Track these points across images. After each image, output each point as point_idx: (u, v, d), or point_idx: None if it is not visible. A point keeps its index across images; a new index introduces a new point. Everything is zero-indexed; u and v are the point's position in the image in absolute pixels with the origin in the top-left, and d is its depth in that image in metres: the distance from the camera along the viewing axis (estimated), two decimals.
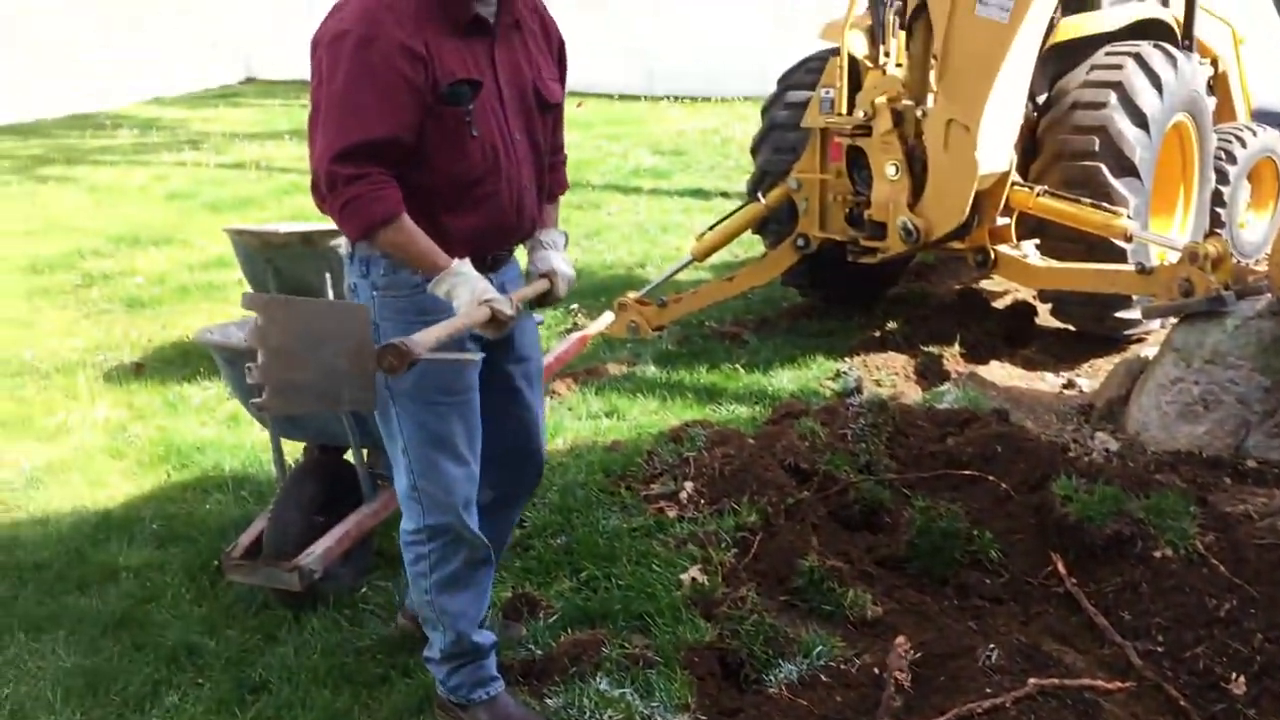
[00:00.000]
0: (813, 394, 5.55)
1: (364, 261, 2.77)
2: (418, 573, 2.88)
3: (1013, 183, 5.66)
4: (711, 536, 3.87)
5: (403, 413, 2.76)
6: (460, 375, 2.79)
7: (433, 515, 2.81)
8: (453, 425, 2.79)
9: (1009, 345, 6.34)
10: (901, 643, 3.32)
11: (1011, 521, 4.06)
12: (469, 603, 2.90)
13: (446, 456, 2.79)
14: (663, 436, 4.84)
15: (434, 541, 2.83)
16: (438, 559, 2.84)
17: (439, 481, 2.79)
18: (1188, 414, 4.78)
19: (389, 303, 2.74)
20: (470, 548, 2.86)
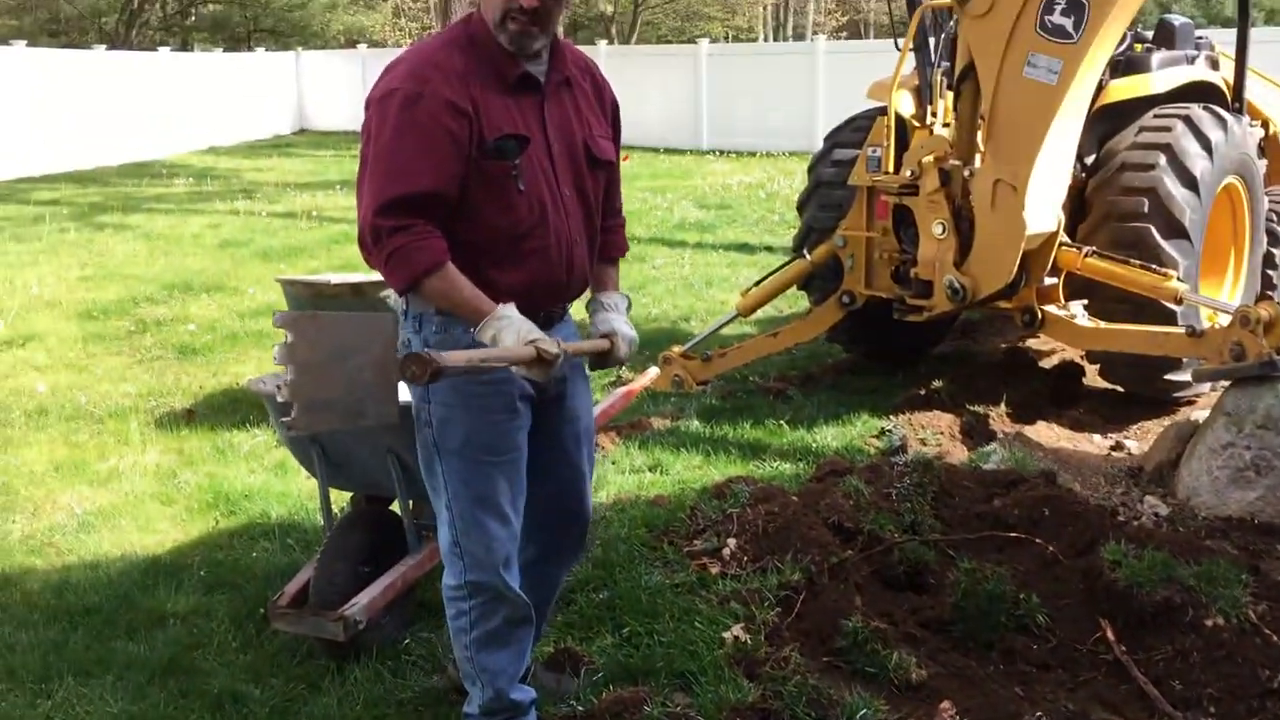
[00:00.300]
0: (857, 451, 5.54)
1: (416, 318, 2.81)
2: (458, 628, 2.89)
3: (1061, 243, 5.65)
4: (755, 594, 3.85)
5: (448, 470, 2.79)
6: (507, 435, 2.81)
7: (474, 572, 2.82)
8: (497, 484, 2.81)
9: (1056, 405, 6.29)
10: (947, 708, 3.29)
11: (1059, 586, 4.01)
12: (508, 660, 2.91)
13: (490, 515, 2.81)
14: (706, 492, 4.84)
15: (475, 598, 2.84)
16: (478, 615, 2.85)
17: (481, 540, 2.80)
18: (1239, 479, 4.71)
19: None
20: (511, 606, 2.87)
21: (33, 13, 32.80)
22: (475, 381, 2.71)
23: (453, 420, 2.76)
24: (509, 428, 2.81)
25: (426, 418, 2.80)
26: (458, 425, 2.76)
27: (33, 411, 6.34)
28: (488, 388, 2.76)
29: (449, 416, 2.76)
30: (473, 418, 2.76)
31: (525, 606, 2.90)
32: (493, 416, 2.78)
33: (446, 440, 2.76)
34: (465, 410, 2.75)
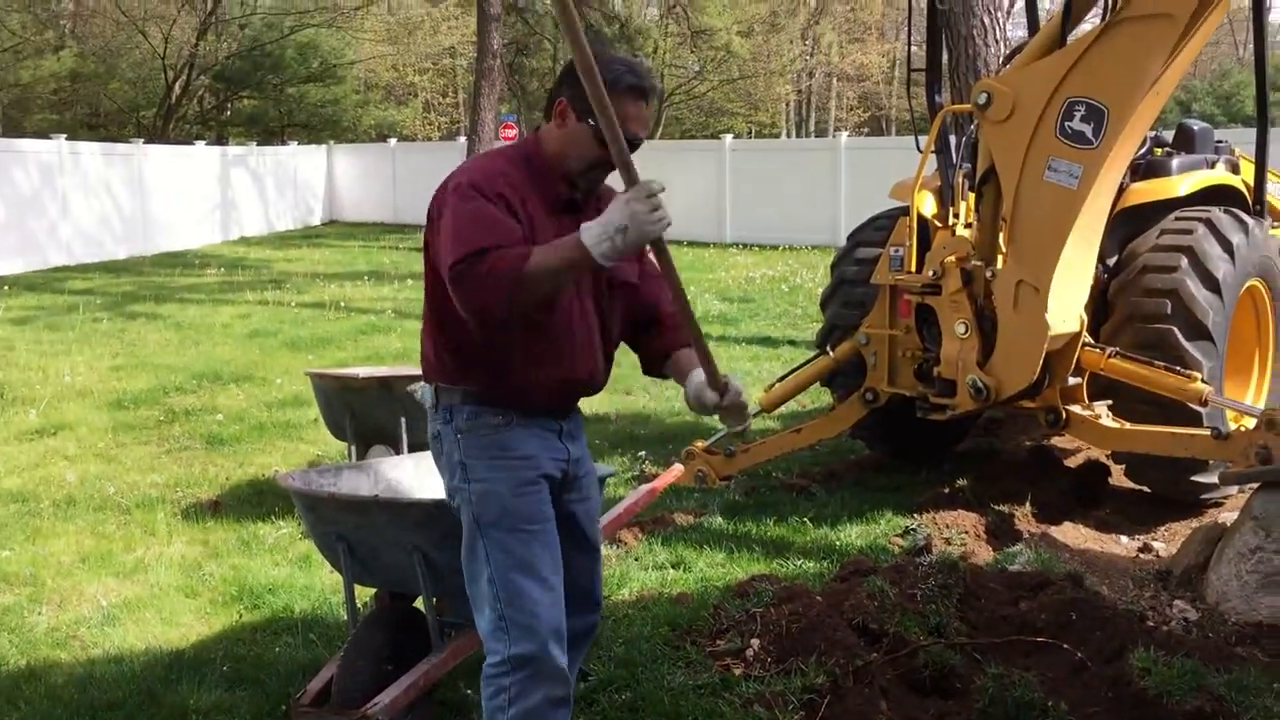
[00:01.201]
0: (881, 551, 5.51)
1: (447, 410, 2.98)
2: (495, 707, 2.87)
3: (1084, 344, 5.68)
4: (778, 698, 3.82)
5: (490, 544, 2.89)
6: (540, 504, 2.94)
7: (519, 644, 2.84)
8: (537, 550, 2.91)
9: (1082, 506, 6.25)
10: None
11: (1088, 693, 3.95)
12: None
13: (533, 582, 2.88)
14: (729, 590, 4.82)
15: (517, 674, 2.84)
16: (518, 693, 2.84)
17: (526, 607, 2.85)
18: (1269, 585, 4.66)
19: (473, 441, 2.94)
20: (552, 683, 2.87)
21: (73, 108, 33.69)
22: (507, 456, 2.91)
23: (490, 494, 2.91)
24: (540, 497, 2.95)
25: (467, 496, 2.93)
26: (495, 498, 2.90)
27: (61, 501, 6.39)
28: (519, 461, 2.93)
29: (487, 490, 2.91)
30: (509, 489, 2.90)
31: (567, 685, 2.92)
32: (527, 487, 2.93)
33: (486, 514, 2.89)
34: (501, 484, 2.91)
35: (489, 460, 2.91)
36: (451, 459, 2.96)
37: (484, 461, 2.91)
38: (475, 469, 2.91)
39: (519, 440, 2.93)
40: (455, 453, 2.94)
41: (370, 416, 6.07)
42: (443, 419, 2.99)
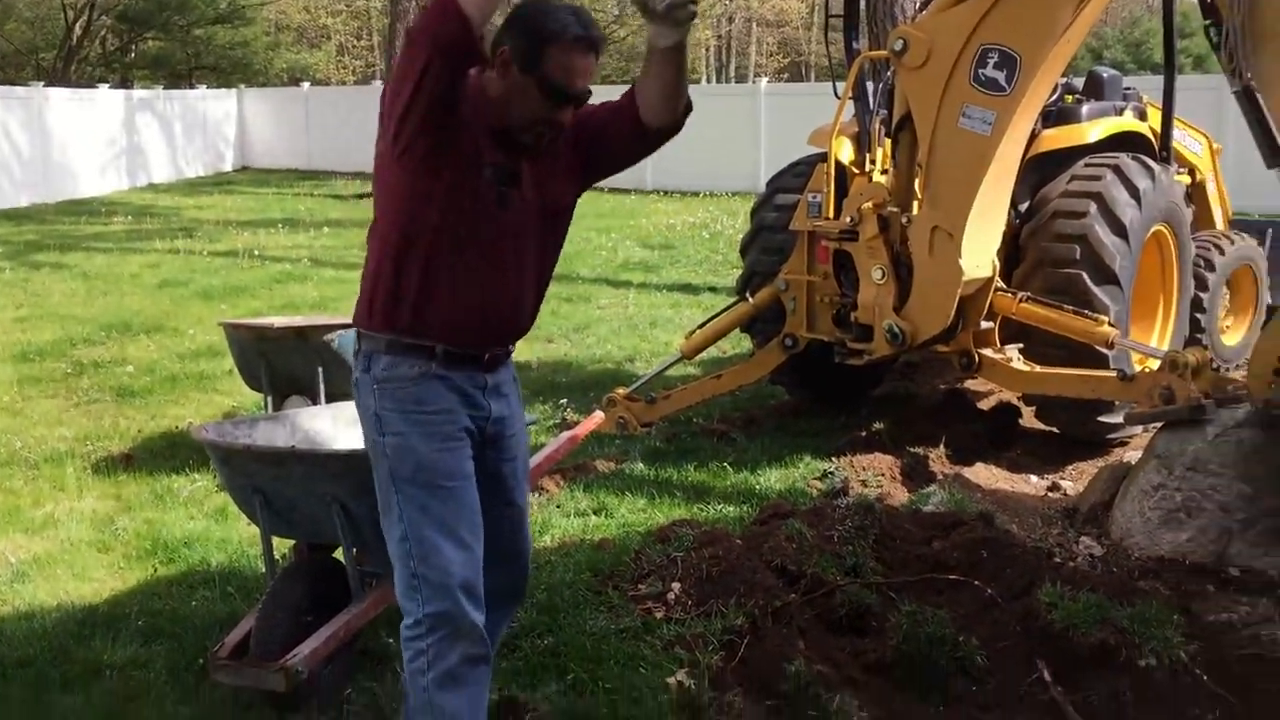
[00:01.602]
0: (800, 494, 5.59)
1: (368, 357, 2.91)
2: (415, 669, 2.85)
3: (996, 288, 5.78)
4: (699, 639, 3.87)
5: (405, 499, 2.84)
6: (459, 460, 2.88)
7: (433, 603, 2.81)
8: (454, 507, 2.85)
9: (994, 447, 6.39)
10: None
11: (997, 628, 4.07)
12: (467, 703, 2.86)
13: (448, 539, 2.83)
14: (650, 536, 4.86)
15: (433, 634, 2.81)
16: (435, 654, 2.82)
17: (439, 565, 2.81)
18: (1170, 521, 4.82)
19: (389, 392, 2.87)
20: (468, 641, 2.84)
21: None
22: (424, 410, 2.83)
23: (405, 448, 2.84)
24: (459, 454, 2.89)
25: (382, 449, 2.87)
26: (410, 453, 2.84)
27: None
28: (437, 416, 2.86)
29: (402, 444, 2.84)
30: (425, 444, 2.84)
31: (484, 643, 2.88)
32: (445, 443, 2.86)
33: (401, 469, 2.83)
34: (417, 438, 2.84)
35: (404, 413, 2.84)
36: (368, 409, 2.91)
37: (400, 414, 2.84)
38: (390, 421, 2.84)
39: (436, 394, 2.86)
40: (371, 403, 2.88)
41: (286, 367, 5.98)
42: (362, 366, 2.91)
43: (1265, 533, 4.64)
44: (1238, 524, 4.67)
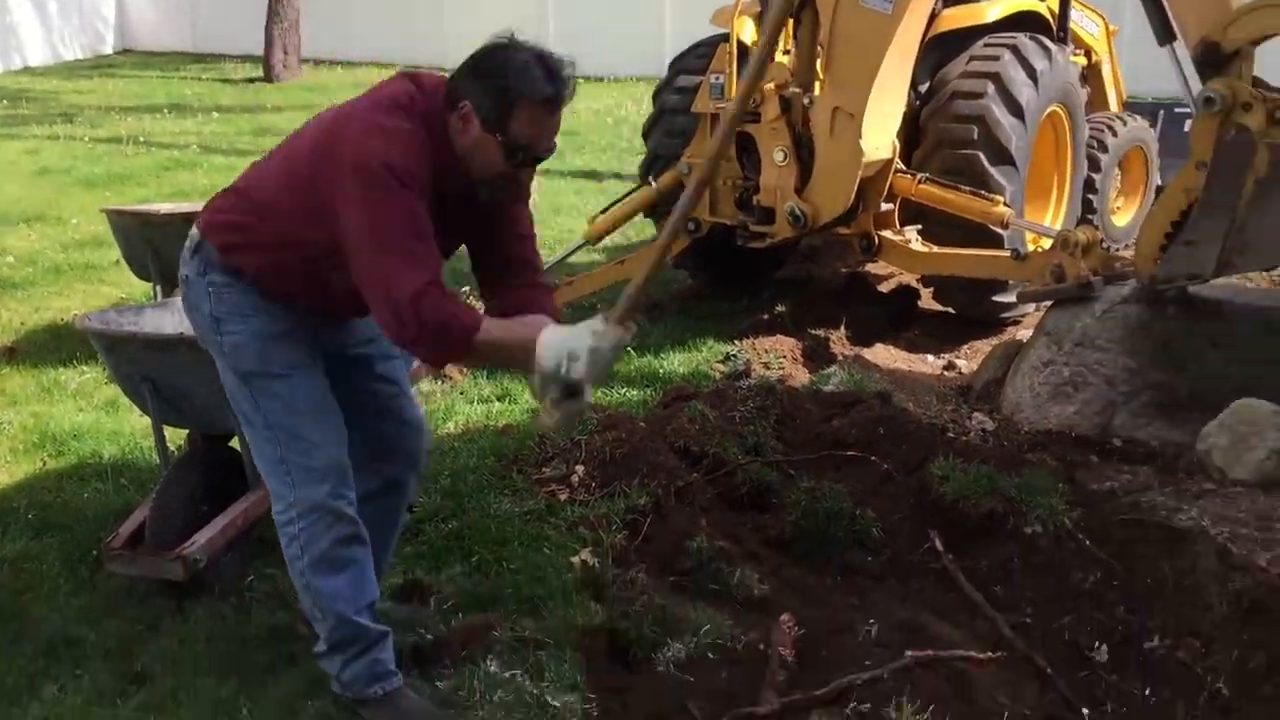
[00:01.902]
0: (703, 377, 5.63)
1: (205, 263, 2.80)
2: (292, 556, 2.84)
3: (896, 169, 5.82)
4: (602, 519, 3.92)
5: (256, 390, 2.79)
6: (304, 346, 2.83)
7: (302, 487, 2.78)
8: (308, 390, 2.81)
9: (893, 328, 6.50)
10: (786, 620, 3.41)
11: (892, 501, 4.18)
12: (346, 584, 2.85)
13: (308, 421, 2.80)
14: None
15: (304, 519, 2.79)
16: (307, 539, 2.80)
17: (304, 449, 2.78)
18: (1059, 395, 4.97)
19: (228, 297, 2.78)
20: (339, 522, 2.82)
21: None
22: (259, 312, 2.77)
23: (246, 343, 2.78)
24: (303, 340, 2.84)
25: (220, 348, 2.81)
26: (252, 346, 2.78)
27: None
28: (275, 306, 2.79)
29: (242, 340, 2.78)
30: (267, 335, 2.79)
31: (355, 523, 2.85)
32: (285, 336, 2.81)
33: (245, 362, 2.78)
34: (259, 331, 2.78)
35: (241, 316, 2.78)
36: (201, 310, 2.81)
37: (236, 316, 2.78)
38: (230, 322, 2.77)
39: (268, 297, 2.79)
40: (205, 305, 2.79)
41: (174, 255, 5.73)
42: (197, 269, 2.80)
43: (1147, 405, 4.82)
44: (1122, 397, 4.84)
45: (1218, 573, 3.48)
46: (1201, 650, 3.28)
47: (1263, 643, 3.24)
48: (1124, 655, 3.38)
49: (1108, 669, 3.36)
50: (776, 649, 3.25)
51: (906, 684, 3.04)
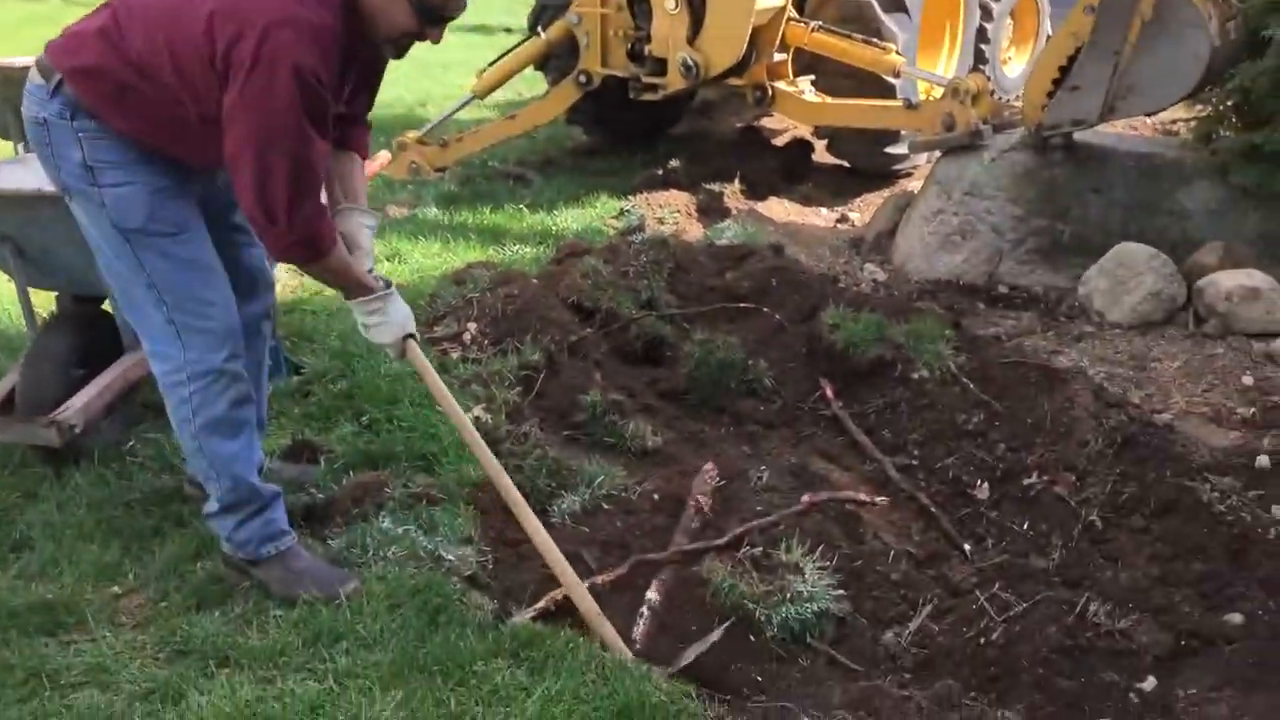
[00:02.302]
0: (596, 233, 5.57)
1: (66, 104, 2.56)
2: (181, 418, 2.75)
3: (789, 18, 5.71)
4: (495, 376, 3.88)
5: (140, 248, 2.62)
6: (189, 206, 2.70)
7: (194, 350, 2.68)
8: (195, 249, 2.69)
9: (787, 182, 6.49)
10: (709, 469, 3.44)
11: (784, 351, 4.22)
12: (242, 446, 2.79)
13: (199, 282, 2.68)
14: (445, 279, 4.78)
15: (197, 382, 2.70)
16: (201, 401, 2.71)
17: (196, 310, 2.67)
18: (947, 244, 5.03)
19: (101, 145, 2.58)
20: (235, 384, 2.74)
21: None
22: (138, 150, 2.59)
23: (128, 197, 2.60)
24: (188, 199, 2.70)
25: (98, 200, 2.61)
26: (138, 200, 2.61)
27: None
28: (154, 157, 2.62)
29: (123, 194, 2.60)
30: (153, 191, 2.62)
31: (248, 384, 2.78)
32: (172, 189, 2.65)
33: (129, 219, 2.60)
34: (141, 188, 2.61)
35: (123, 164, 2.58)
36: (69, 158, 2.59)
37: (116, 164, 2.58)
38: (109, 173, 2.57)
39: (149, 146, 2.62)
40: (75, 152, 2.57)
41: None
42: (59, 111, 2.57)
43: (1032, 251, 4.91)
44: (1008, 244, 4.92)
45: (1094, 411, 3.61)
46: (1077, 485, 3.41)
47: (1134, 476, 3.38)
48: (1004, 492, 3.50)
49: (988, 505, 3.48)
50: (696, 496, 3.28)
51: (800, 526, 3.10)
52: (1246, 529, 3.12)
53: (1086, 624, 2.83)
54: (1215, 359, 4.18)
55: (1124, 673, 2.70)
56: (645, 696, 2.38)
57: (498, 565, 2.95)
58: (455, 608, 2.68)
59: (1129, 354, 4.25)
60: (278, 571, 2.83)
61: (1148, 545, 3.19)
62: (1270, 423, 3.65)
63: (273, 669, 2.50)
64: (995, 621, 2.81)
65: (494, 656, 2.52)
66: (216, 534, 2.88)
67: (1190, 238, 4.71)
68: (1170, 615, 2.91)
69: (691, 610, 2.88)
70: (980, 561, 3.23)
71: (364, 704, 2.37)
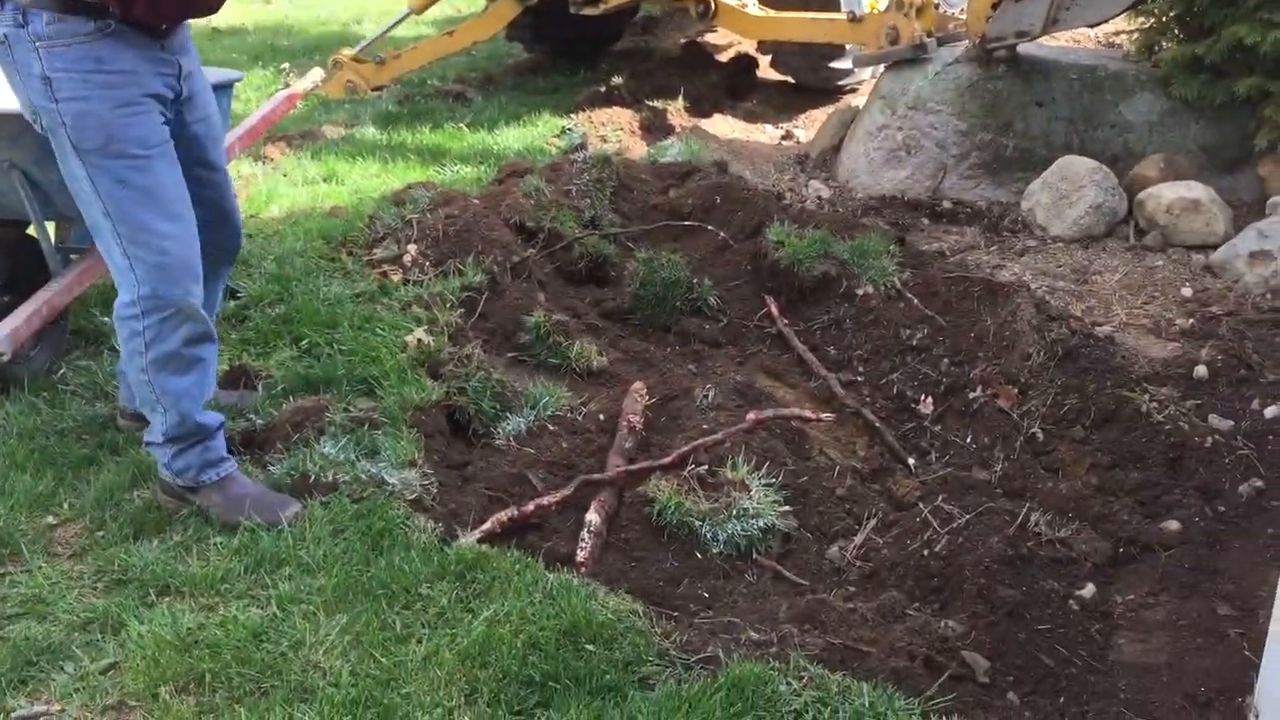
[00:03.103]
0: (539, 152, 5.48)
1: (19, 10, 2.46)
2: (133, 350, 2.67)
3: None
4: (437, 298, 3.81)
5: (96, 172, 2.53)
6: (153, 125, 2.58)
7: (149, 283, 2.60)
8: (158, 177, 2.58)
9: (731, 99, 6.42)
10: (639, 389, 3.42)
11: (729, 269, 4.20)
12: (192, 382, 2.73)
13: (157, 214, 2.58)
14: (384, 200, 4.68)
15: (151, 316, 2.62)
16: (154, 335, 2.64)
17: (152, 243, 2.58)
18: (892, 159, 5.01)
19: (58, 52, 2.47)
20: (190, 321, 2.67)
21: None
22: (104, 71, 2.48)
23: (88, 115, 2.50)
24: (151, 119, 2.59)
25: (57, 118, 2.51)
26: (95, 120, 2.50)
27: None
28: (119, 77, 2.52)
29: (83, 111, 2.50)
30: (111, 110, 2.51)
31: (205, 320, 2.71)
32: (133, 108, 2.54)
33: (87, 139, 2.50)
34: (100, 102, 2.50)
35: (82, 75, 2.47)
36: (29, 71, 2.49)
37: (75, 76, 2.47)
38: (64, 85, 2.46)
39: (114, 53, 2.50)
40: (34, 64, 2.48)
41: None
42: (12, 21, 2.47)
43: (976, 166, 4.90)
44: (952, 159, 4.91)
45: (1036, 324, 3.63)
46: (1019, 398, 3.43)
47: (1075, 388, 3.41)
48: (948, 406, 3.52)
49: (932, 420, 3.50)
50: (627, 416, 3.27)
51: (745, 444, 3.10)
52: (1184, 438, 3.16)
53: (1028, 534, 2.86)
54: (1155, 271, 4.21)
55: (1064, 580, 2.74)
56: (591, 615, 2.37)
57: (442, 489, 2.92)
58: (399, 531, 2.65)
59: (1071, 267, 4.27)
60: (218, 498, 2.78)
61: (1088, 455, 3.23)
62: (1208, 333, 3.69)
63: (214, 596, 2.47)
64: (939, 534, 2.83)
65: (439, 579, 2.50)
66: (155, 460, 2.82)
67: (1132, 150, 4.72)
68: (1109, 524, 2.96)
69: (638, 530, 2.88)
70: (924, 475, 3.26)
71: (308, 629, 2.34)
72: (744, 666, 2.23)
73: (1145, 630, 2.66)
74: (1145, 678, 2.50)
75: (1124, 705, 2.43)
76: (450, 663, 2.25)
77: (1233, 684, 2.42)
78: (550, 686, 2.21)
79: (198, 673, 2.23)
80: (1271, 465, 3.09)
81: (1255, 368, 3.41)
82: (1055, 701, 2.44)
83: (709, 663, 2.29)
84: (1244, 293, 3.97)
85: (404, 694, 2.19)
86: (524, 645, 2.29)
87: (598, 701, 2.17)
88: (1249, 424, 3.20)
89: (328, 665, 2.26)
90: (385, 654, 2.28)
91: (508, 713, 2.16)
